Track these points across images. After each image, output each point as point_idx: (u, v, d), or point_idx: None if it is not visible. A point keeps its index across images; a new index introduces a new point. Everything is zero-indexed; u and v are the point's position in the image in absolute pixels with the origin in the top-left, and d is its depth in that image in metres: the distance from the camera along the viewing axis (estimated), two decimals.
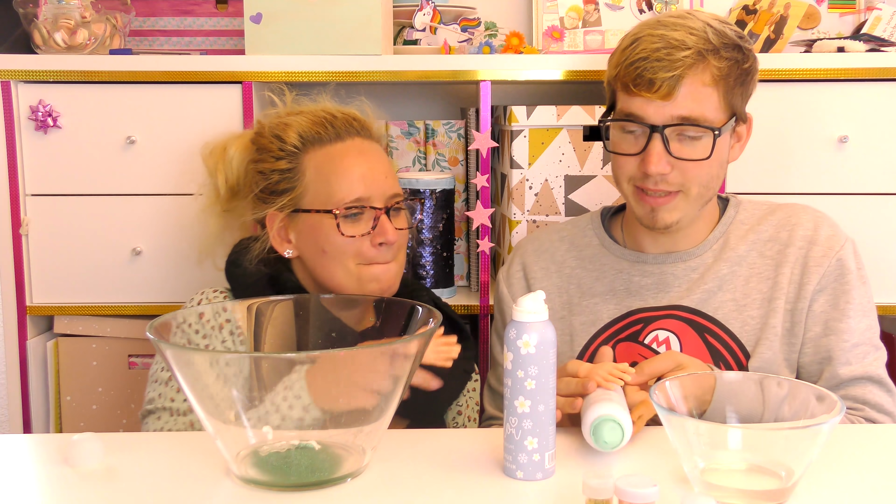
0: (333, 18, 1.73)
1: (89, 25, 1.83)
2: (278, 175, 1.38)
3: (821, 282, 1.36)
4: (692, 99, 1.29)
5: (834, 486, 1.01)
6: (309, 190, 1.37)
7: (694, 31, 1.29)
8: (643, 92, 1.29)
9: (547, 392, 1.02)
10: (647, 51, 1.28)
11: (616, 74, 1.33)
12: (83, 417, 1.88)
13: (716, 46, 1.29)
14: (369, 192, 1.35)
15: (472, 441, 1.15)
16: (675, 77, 1.27)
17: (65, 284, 1.83)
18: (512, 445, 1.03)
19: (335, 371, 1.02)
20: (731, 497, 0.96)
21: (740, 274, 1.39)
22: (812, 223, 1.40)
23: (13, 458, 1.12)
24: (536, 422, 1.02)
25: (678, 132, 1.31)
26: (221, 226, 1.49)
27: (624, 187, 1.37)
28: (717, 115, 1.31)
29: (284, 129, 1.39)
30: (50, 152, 1.79)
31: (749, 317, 1.37)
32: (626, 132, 1.34)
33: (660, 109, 1.29)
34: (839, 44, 1.80)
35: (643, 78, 1.28)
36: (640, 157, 1.32)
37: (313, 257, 1.38)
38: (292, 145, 1.38)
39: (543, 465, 1.03)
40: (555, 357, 1.03)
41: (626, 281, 1.43)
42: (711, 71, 1.29)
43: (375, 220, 1.35)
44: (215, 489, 1.01)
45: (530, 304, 1.01)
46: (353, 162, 1.37)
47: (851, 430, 1.22)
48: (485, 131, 1.78)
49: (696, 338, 1.37)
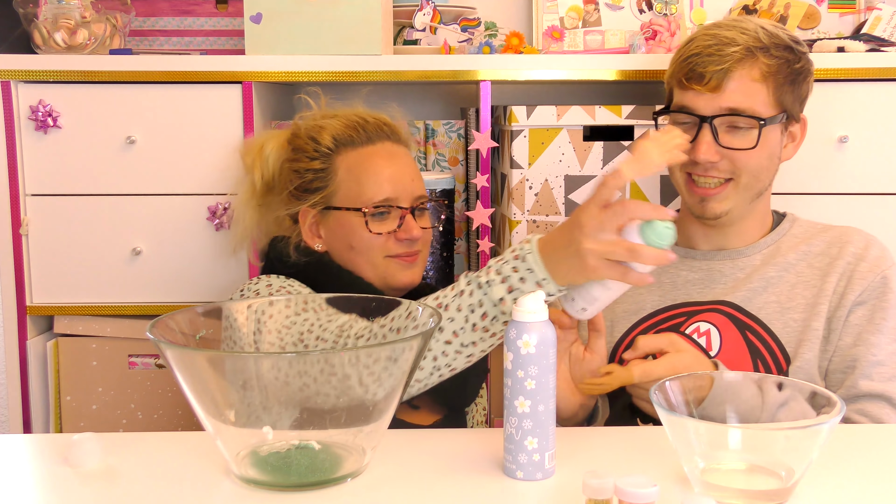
0: (333, 18, 1.73)
1: (89, 25, 1.83)
2: (312, 174, 1.46)
3: (862, 294, 1.39)
4: (740, 92, 1.36)
5: (834, 486, 1.01)
6: (340, 189, 1.45)
7: (746, 30, 1.38)
8: (694, 85, 1.38)
9: (547, 392, 1.02)
10: (699, 47, 1.38)
11: (672, 71, 1.44)
12: (83, 417, 1.88)
13: (766, 45, 1.37)
14: (396, 192, 1.44)
15: (472, 441, 1.15)
16: (724, 70, 1.36)
17: (65, 284, 1.83)
18: (512, 445, 1.03)
19: (568, 244, 1.06)
20: (731, 497, 0.96)
21: (787, 279, 1.43)
22: (864, 242, 1.45)
23: (13, 458, 1.12)
24: (536, 422, 1.02)
25: (727, 123, 1.38)
26: (257, 219, 1.55)
27: (677, 176, 1.45)
28: (766, 109, 1.38)
29: (319, 131, 1.47)
30: (50, 152, 1.79)
31: (791, 319, 1.40)
32: (679, 124, 1.42)
33: (709, 101, 1.37)
34: (839, 44, 1.80)
35: (694, 72, 1.38)
36: (692, 147, 1.38)
37: (341, 252, 1.45)
38: (326, 147, 1.46)
39: (543, 465, 1.03)
40: (555, 357, 1.03)
41: (673, 275, 1.48)
42: (760, 67, 1.36)
43: (401, 219, 1.43)
44: (215, 489, 1.01)
45: (530, 304, 1.01)
46: (383, 164, 1.45)
47: (851, 430, 1.22)
48: (485, 131, 1.78)
49: (737, 334, 1.40)
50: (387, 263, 1.44)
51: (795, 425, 1.01)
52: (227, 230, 1.81)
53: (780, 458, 0.97)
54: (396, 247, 1.43)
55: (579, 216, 1.05)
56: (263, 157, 1.53)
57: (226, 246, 1.82)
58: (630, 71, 1.78)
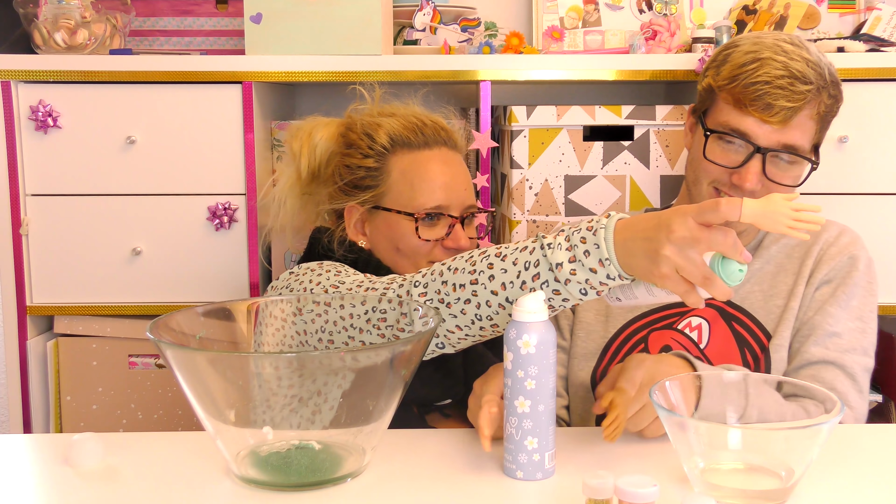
0: (333, 18, 1.73)
1: (89, 25, 1.83)
2: (364, 171, 1.44)
3: (829, 273, 1.42)
4: (799, 130, 1.35)
5: (834, 486, 1.01)
6: (392, 190, 1.43)
7: (812, 64, 1.34)
8: (759, 114, 1.33)
9: (547, 392, 1.02)
10: (770, 75, 1.33)
11: (729, 87, 1.36)
12: (83, 417, 1.88)
13: (828, 83, 1.35)
14: (449, 200, 1.42)
15: (472, 441, 1.15)
16: (794, 109, 1.32)
17: (65, 284, 1.83)
18: (512, 445, 1.03)
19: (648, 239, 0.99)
20: (731, 497, 0.96)
21: (768, 270, 1.45)
22: (837, 231, 1.47)
23: (13, 458, 1.12)
24: (536, 422, 1.02)
25: (775, 156, 1.37)
26: (298, 207, 1.53)
27: (703, 188, 1.42)
28: (809, 146, 1.38)
29: (376, 128, 1.45)
30: (50, 152, 1.79)
31: (775, 305, 1.43)
32: (725, 142, 1.39)
33: (770, 134, 1.34)
34: (839, 44, 1.80)
35: (762, 101, 1.33)
36: (734, 171, 1.37)
37: (386, 253, 1.44)
38: (381, 145, 1.44)
39: (543, 465, 1.03)
40: (555, 357, 1.03)
41: None
42: (819, 107, 1.35)
43: (450, 228, 1.42)
44: (215, 489, 1.01)
45: (530, 305, 1.01)
46: (438, 170, 1.43)
47: (851, 429, 1.22)
48: (485, 131, 1.78)
49: (724, 325, 1.42)
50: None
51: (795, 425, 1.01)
52: (227, 230, 1.81)
53: (780, 458, 0.97)
54: (442, 254, 1.41)
55: (673, 220, 0.98)
56: (311, 145, 1.50)
57: (227, 245, 1.82)
58: (630, 71, 1.78)
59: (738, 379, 1.10)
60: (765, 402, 1.11)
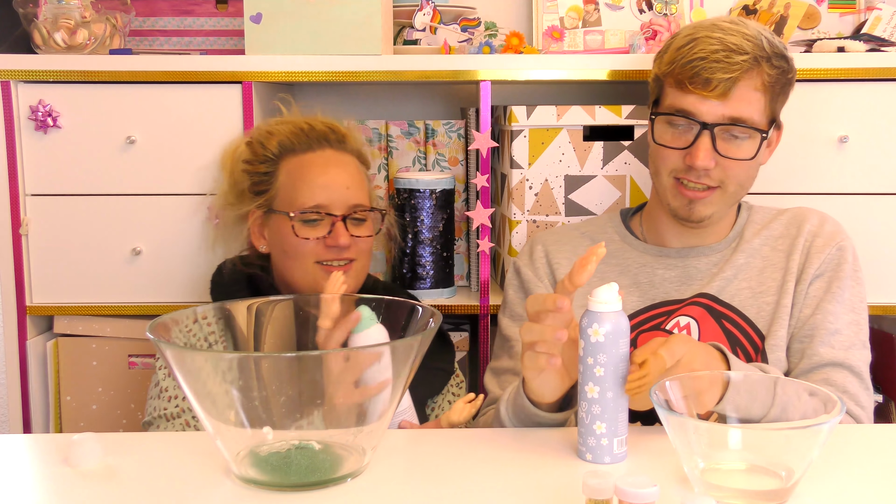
0: (333, 18, 1.73)
1: (89, 25, 1.83)
2: (258, 177, 1.54)
3: (820, 267, 1.42)
4: (744, 101, 1.36)
5: (834, 486, 1.01)
6: (280, 193, 1.52)
7: (749, 37, 1.35)
8: (698, 90, 1.35)
9: (616, 380, 1.06)
10: (705, 51, 1.35)
11: (670, 71, 1.39)
12: (83, 417, 1.88)
13: (769, 54, 1.36)
14: (329, 199, 1.49)
15: (471, 441, 1.15)
16: (732, 79, 1.34)
17: (65, 284, 1.83)
18: (583, 429, 1.08)
19: None
20: (731, 497, 0.96)
21: (755, 265, 1.45)
22: (818, 219, 1.48)
23: (13, 458, 1.12)
24: (605, 407, 1.06)
25: (725, 131, 1.37)
26: (233, 219, 1.60)
27: (664, 179, 1.43)
28: (762, 119, 1.38)
29: (268, 137, 1.55)
30: (50, 152, 1.79)
31: (765, 303, 1.42)
32: (673, 126, 1.40)
33: (713, 108, 1.35)
34: (839, 44, 1.80)
35: (700, 77, 1.34)
36: (686, 151, 1.38)
37: (277, 256, 1.53)
38: (272, 152, 1.53)
39: (612, 449, 1.07)
40: (626, 347, 1.06)
41: (649, 274, 1.48)
42: (763, 77, 1.36)
43: (332, 226, 1.48)
44: (215, 489, 1.01)
45: (603, 295, 1.05)
46: (318, 172, 1.51)
47: (851, 430, 1.23)
48: (485, 131, 1.78)
49: (714, 324, 1.42)
50: (316, 269, 1.48)
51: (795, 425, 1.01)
52: None
53: (780, 458, 0.97)
54: (326, 253, 1.48)
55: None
56: (235, 159, 1.59)
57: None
58: (630, 71, 1.78)
59: (767, 379, 1.11)
60: (789, 400, 1.11)
